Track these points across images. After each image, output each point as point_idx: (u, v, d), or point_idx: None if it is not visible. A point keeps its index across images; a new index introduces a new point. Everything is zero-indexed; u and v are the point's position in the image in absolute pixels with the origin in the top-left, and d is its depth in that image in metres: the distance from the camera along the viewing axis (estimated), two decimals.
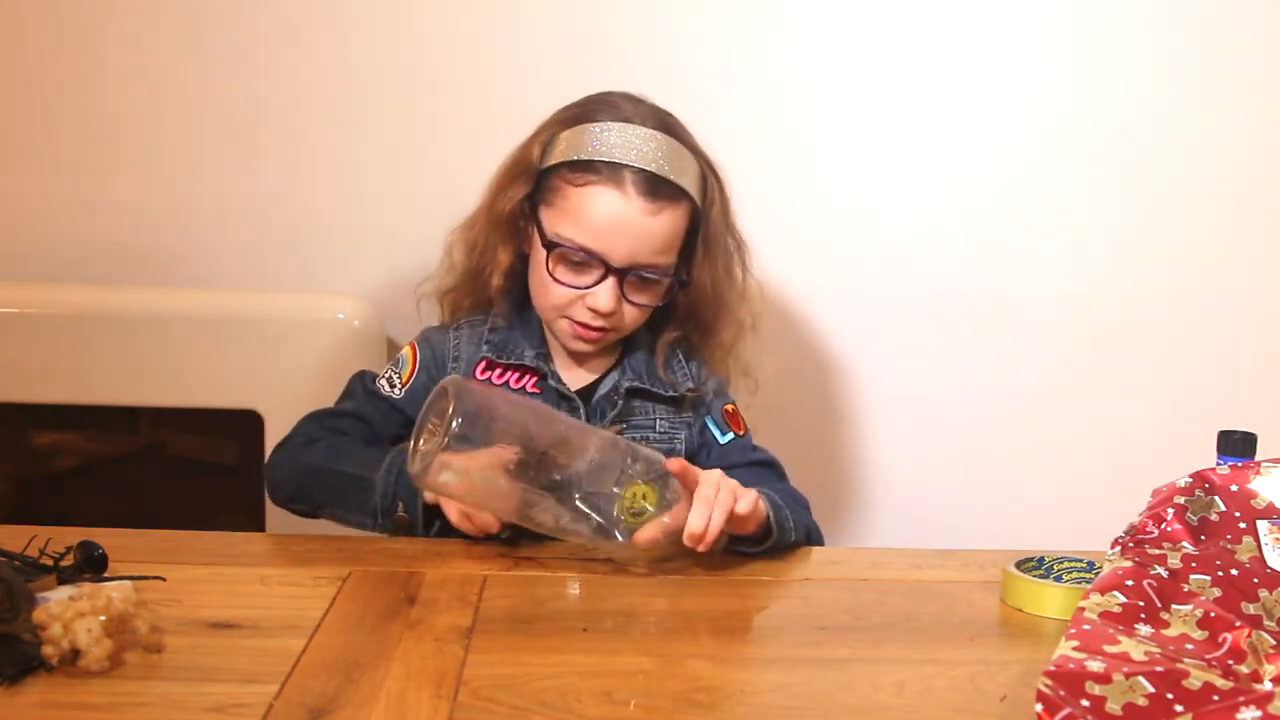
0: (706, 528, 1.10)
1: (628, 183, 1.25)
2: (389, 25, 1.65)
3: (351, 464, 1.23)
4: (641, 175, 1.26)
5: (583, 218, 1.26)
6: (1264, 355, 1.76)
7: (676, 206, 1.28)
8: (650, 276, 1.28)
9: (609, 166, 1.26)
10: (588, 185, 1.26)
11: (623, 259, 1.26)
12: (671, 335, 1.37)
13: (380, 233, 1.69)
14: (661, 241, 1.27)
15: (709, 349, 1.39)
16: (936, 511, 1.76)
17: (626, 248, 1.26)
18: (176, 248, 1.68)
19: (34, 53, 1.65)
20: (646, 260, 1.27)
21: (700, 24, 1.67)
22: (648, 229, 1.26)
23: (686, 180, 1.29)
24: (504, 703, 0.83)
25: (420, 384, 1.31)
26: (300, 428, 1.32)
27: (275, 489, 1.30)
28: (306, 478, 1.26)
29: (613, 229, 1.25)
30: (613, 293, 1.27)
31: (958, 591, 1.11)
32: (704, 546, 1.12)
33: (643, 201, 1.25)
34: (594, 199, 1.26)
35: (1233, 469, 1.03)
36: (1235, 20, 1.68)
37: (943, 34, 1.68)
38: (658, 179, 1.26)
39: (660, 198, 1.26)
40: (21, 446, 1.72)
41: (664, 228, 1.27)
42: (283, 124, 1.67)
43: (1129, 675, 0.79)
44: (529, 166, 1.31)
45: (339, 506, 1.24)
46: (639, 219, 1.25)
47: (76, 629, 0.83)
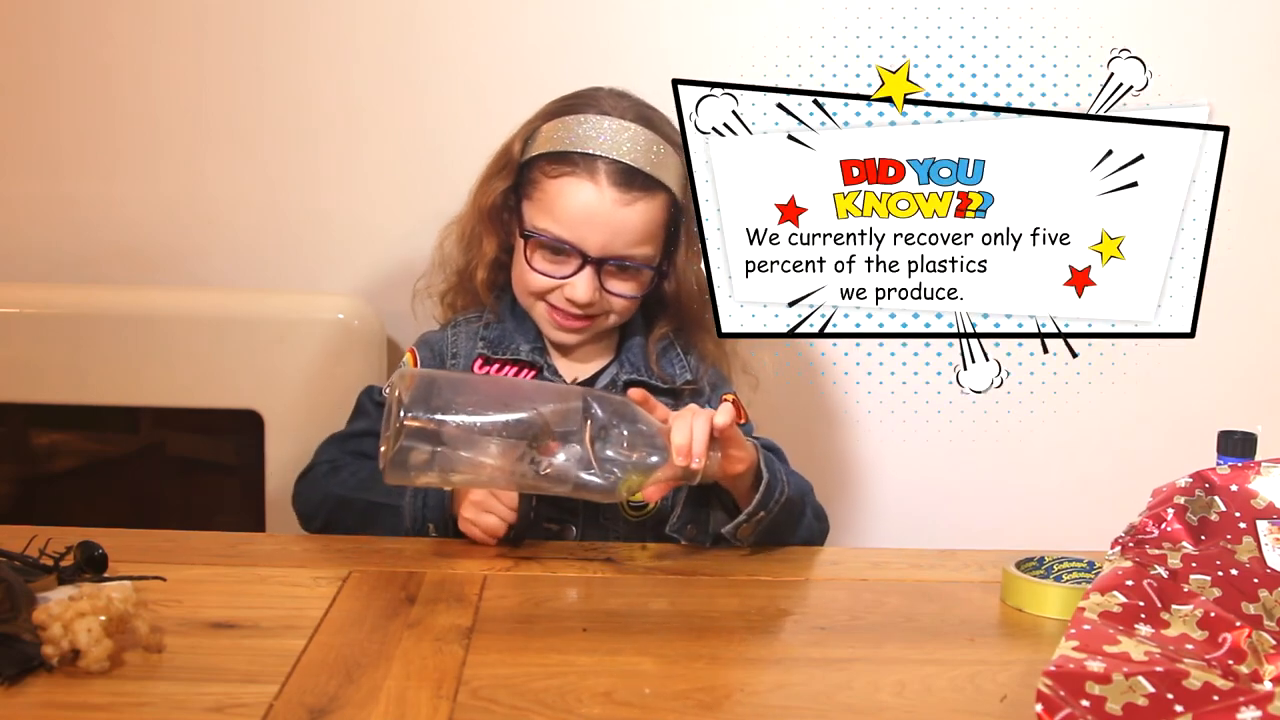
0: (691, 438, 1.09)
1: (601, 174, 1.27)
2: (389, 26, 1.65)
3: (380, 491, 1.22)
4: (615, 167, 1.27)
5: (558, 208, 1.28)
6: (1264, 355, 1.76)
7: (652, 198, 1.29)
8: (628, 266, 1.29)
9: (584, 158, 1.28)
10: (562, 176, 1.28)
11: (598, 249, 1.28)
12: (664, 328, 1.37)
13: (380, 233, 1.69)
14: (637, 233, 1.29)
15: (703, 343, 1.40)
16: (936, 511, 1.76)
17: (601, 238, 1.27)
18: (176, 248, 1.69)
19: (34, 53, 1.65)
20: (623, 251, 1.29)
21: (700, 24, 1.67)
22: (622, 220, 1.27)
23: (665, 173, 1.30)
24: (504, 703, 0.83)
25: None
26: (321, 454, 1.33)
27: (307, 521, 1.31)
28: (337, 509, 1.27)
29: (586, 219, 1.27)
30: (590, 283, 1.28)
31: (958, 591, 1.12)
32: (697, 460, 1.09)
33: (616, 192, 1.27)
34: (568, 190, 1.28)
35: (1233, 469, 1.03)
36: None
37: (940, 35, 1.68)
38: (632, 170, 1.28)
39: (634, 189, 1.28)
40: (21, 446, 1.72)
41: (638, 219, 1.28)
42: (283, 124, 1.67)
43: (1129, 675, 0.79)
44: (511, 160, 1.34)
45: (372, 532, 1.24)
46: (613, 210, 1.27)
47: (76, 629, 0.83)
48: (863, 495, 1.78)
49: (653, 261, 1.32)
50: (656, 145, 1.30)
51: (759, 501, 1.19)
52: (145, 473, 1.77)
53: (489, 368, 1.33)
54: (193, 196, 1.68)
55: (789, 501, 1.22)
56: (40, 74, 1.65)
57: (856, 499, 1.78)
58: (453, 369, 1.33)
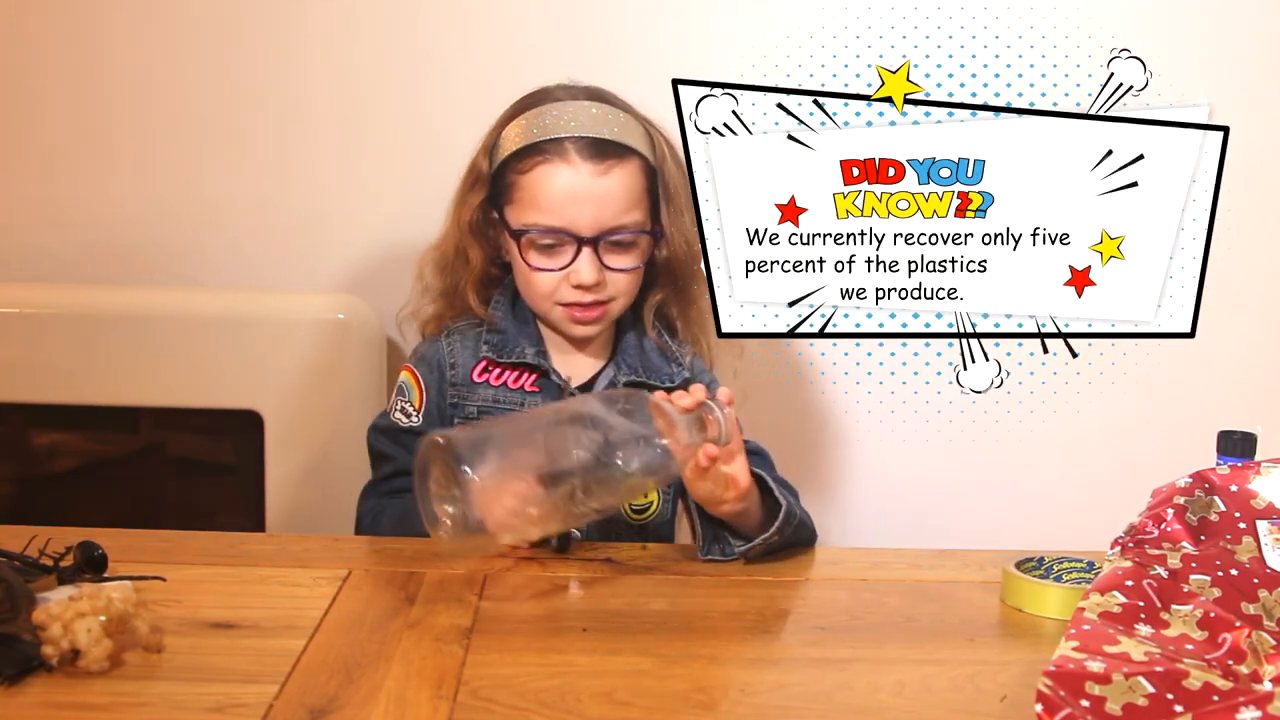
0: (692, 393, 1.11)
1: (570, 152, 1.28)
2: (389, 26, 1.66)
3: (416, 524, 1.21)
4: (583, 141, 1.28)
5: (540, 198, 1.29)
6: (1264, 355, 1.76)
7: (625, 163, 1.30)
8: (623, 239, 1.30)
9: (551, 144, 1.29)
10: (535, 167, 1.29)
11: (589, 227, 1.28)
12: (658, 295, 1.37)
13: (380, 233, 1.69)
14: (621, 200, 1.29)
15: (689, 316, 1.40)
16: (936, 511, 1.76)
17: (589, 215, 1.28)
18: (176, 248, 1.69)
19: (33, 53, 1.65)
20: (613, 223, 1.29)
21: (700, 24, 1.67)
22: (603, 191, 1.28)
23: (631, 138, 1.31)
24: (504, 703, 0.83)
25: (432, 402, 1.33)
26: (362, 507, 1.33)
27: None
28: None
29: (569, 200, 1.28)
30: (592, 263, 1.28)
31: (958, 591, 1.12)
32: (703, 406, 1.12)
33: (590, 165, 1.28)
34: (544, 177, 1.28)
35: (1233, 469, 1.03)
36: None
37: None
38: (600, 141, 1.29)
39: (606, 157, 1.29)
40: (21, 446, 1.72)
41: (619, 186, 1.29)
42: (282, 124, 1.67)
43: (1129, 675, 0.79)
44: (480, 174, 1.35)
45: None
46: (591, 183, 1.28)
47: (76, 629, 0.83)
48: (863, 495, 1.78)
49: (644, 226, 1.32)
50: (615, 114, 1.32)
51: (778, 527, 1.18)
52: (145, 473, 1.77)
53: (490, 372, 1.33)
54: (192, 196, 1.68)
55: (801, 525, 1.22)
56: (38, 74, 1.65)
57: (856, 499, 1.78)
58: (453, 378, 1.33)
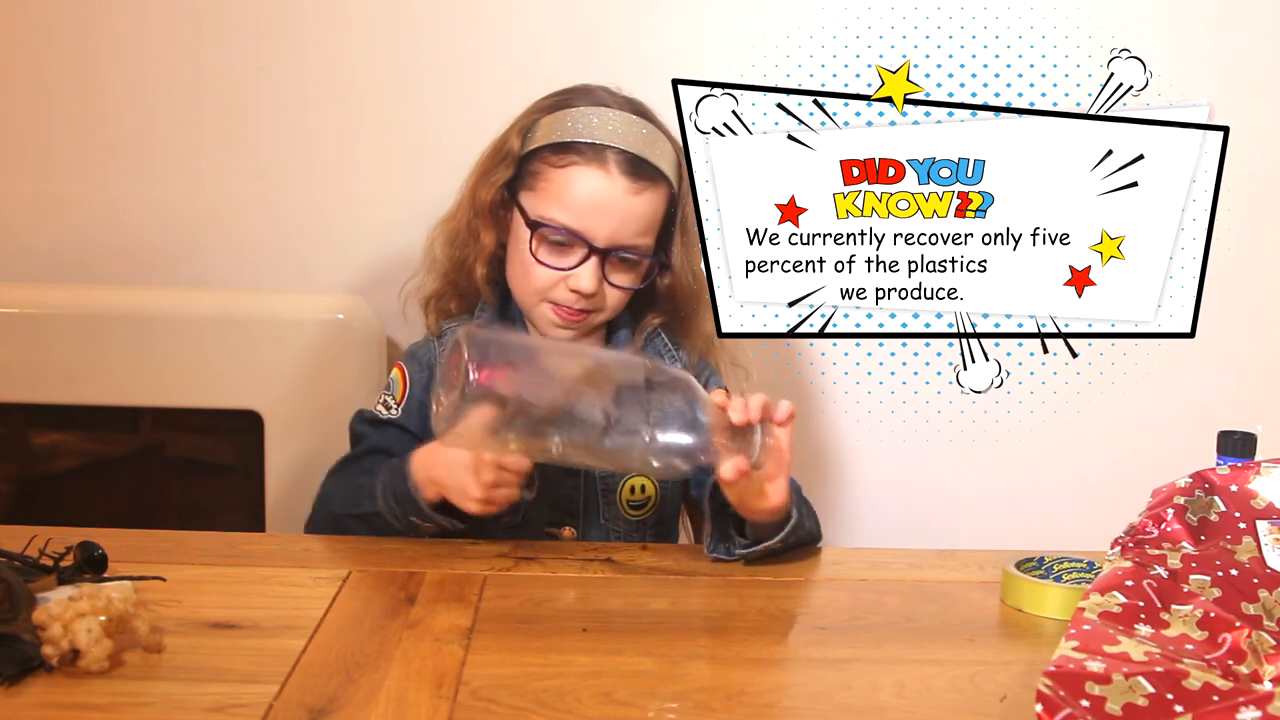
0: (748, 402, 1.06)
1: (610, 163, 1.27)
2: (388, 26, 1.65)
3: (367, 502, 1.21)
4: (624, 155, 1.27)
5: (566, 198, 1.27)
6: (1264, 355, 1.76)
7: (657, 188, 1.29)
8: (631, 257, 1.29)
9: (591, 147, 1.27)
10: (570, 166, 1.27)
11: (605, 239, 1.27)
12: (654, 320, 1.37)
13: (379, 232, 1.69)
14: (643, 222, 1.29)
15: (693, 339, 1.40)
16: (936, 511, 1.76)
17: (609, 227, 1.27)
18: (176, 248, 1.68)
19: (33, 53, 1.65)
20: (628, 241, 1.28)
21: (700, 24, 1.67)
22: (630, 208, 1.27)
23: (664, 164, 1.31)
24: (504, 703, 0.83)
25: (414, 399, 1.31)
26: (325, 484, 1.31)
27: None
28: (340, 529, 1.24)
29: (596, 208, 1.27)
30: (594, 273, 1.28)
31: (958, 591, 1.11)
32: (752, 414, 1.07)
33: (626, 181, 1.27)
34: (577, 179, 1.27)
35: (1233, 469, 1.03)
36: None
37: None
38: (639, 159, 1.28)
39: (642, 177, 1.28)
40: (21, 446, 1.72)
41: (645, 208, 1.28)
42: (282, 124, 1.67)
43: (1129, 675, 0.79)
44: (509, 153, 1.32)
45: (378, 535, 1.22)
46: (623, 198, 1.27)
47: (76, 629, 0.83)
48: (863, 495, 1.78)
49: (651, 251, 1.32)
50: (658, 137, 1.31)
51: (782, 538, 1.16)
52: (145, 473, 1.77)
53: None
54: (192, 196, 1.68)
55: (807, 536, 1.21)
56: (38, 74, 1.65)
57: (857, 499, 1.78)
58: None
